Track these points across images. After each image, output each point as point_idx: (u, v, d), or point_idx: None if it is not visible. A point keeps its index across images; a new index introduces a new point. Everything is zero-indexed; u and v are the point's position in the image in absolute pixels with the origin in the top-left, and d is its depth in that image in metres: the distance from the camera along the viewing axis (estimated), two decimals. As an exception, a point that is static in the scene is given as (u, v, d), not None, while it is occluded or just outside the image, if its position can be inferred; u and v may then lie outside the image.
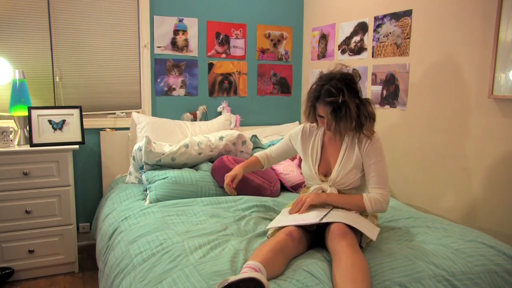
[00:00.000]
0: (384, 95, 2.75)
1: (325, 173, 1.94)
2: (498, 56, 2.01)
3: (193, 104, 3.35)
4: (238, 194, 2.48)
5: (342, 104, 1.72)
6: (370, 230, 1.69)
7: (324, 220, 1.67)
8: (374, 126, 1.84)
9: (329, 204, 1.82)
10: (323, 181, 1.92)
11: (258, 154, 2.17)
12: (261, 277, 1.35)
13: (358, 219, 1.74)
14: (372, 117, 1.81)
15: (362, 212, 1.83)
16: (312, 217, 1.71)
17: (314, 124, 1.99)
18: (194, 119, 3.29)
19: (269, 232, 1.81)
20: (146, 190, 2.48)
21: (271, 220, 2.03)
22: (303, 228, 1.71)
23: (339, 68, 1.83)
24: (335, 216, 1.71)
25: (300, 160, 2.78)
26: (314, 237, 1.75)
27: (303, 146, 2.01)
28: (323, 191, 1.89)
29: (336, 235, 1.59)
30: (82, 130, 2.77)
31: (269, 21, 3.53)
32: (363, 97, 1.83)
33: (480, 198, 2.17)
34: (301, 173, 2.44)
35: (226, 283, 1.31)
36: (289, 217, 1.80)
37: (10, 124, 2.71)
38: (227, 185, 1.98)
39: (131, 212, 2.20)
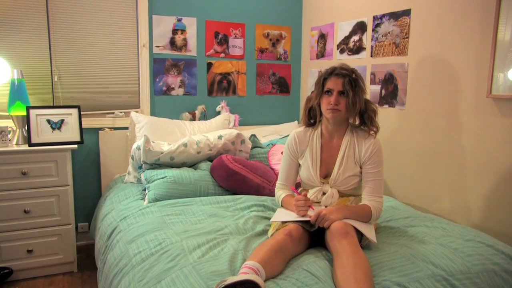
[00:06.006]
0: (382, 94, 2.75)
1: (325, 175, 1.94)
2: (497, 55, 2.01)
3: (192, 104, 3.34)
4: (236, 194, 2.48)
5: (355, 81, 1.81)
6: (369, 232, 1.69)
7: None
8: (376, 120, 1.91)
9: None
10: (323, 183, 1.92)
11: (284, 195, 1.97)
12: (259, 279, 1.35)
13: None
14: (376, 113, 1.90)
15: None
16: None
17: (306, 128, 2.00)
18: (193, 118, 3.28)
19: (270, 233, 1.81)
20: (145, 190, 2.48)
21: (270, 219, 2.03)
22: (303, 227, 1.71)
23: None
24: None
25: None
26: (314, 237, 1.75)
27: (300, 151, 1.99)
28: (323, 193, 1.89)
29: (337, 234, 1.59)
30: (81, 129, 2.77)
31: (268, 20, 3.53)
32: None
33: (479, 197, 2.17)
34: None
35: (223, 285, 1.31)
36: (291, 214, 1.80)
37: (9, 123, 2.70)
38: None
39: (130, 212, 2.19)
